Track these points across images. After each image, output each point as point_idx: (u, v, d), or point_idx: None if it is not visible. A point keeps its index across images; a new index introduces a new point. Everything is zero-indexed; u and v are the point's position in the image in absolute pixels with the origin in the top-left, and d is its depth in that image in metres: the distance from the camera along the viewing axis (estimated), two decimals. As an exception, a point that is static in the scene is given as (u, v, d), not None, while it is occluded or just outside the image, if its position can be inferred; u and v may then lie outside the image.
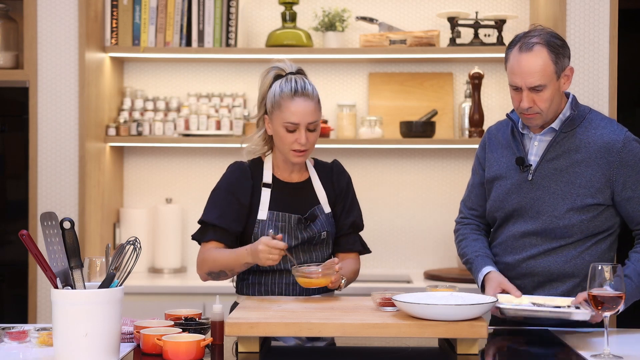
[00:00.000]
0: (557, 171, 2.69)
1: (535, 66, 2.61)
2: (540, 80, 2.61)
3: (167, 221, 4.25)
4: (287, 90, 2.74)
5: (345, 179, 2.91)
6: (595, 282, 2.28)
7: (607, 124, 2.71)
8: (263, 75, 2.83)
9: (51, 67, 3.97)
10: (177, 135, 4.22)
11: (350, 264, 2.88)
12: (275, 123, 2.76)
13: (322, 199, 2.85)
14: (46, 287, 3.92)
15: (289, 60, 2.85)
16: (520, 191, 2.74)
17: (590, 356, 2.27)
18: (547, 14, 3.99)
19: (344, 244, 2.90)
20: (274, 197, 2.80)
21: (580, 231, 2.67)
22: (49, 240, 2.16)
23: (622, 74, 3.99)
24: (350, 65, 4.39)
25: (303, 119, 2.74)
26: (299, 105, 2.73)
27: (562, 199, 2.67)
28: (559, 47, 2.64)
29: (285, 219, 2.77)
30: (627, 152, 2.65)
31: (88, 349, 2.14)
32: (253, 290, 2.81)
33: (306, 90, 2.75)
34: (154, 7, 4.14)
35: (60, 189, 3.97)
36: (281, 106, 2.74)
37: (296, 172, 2.86)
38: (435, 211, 4.36)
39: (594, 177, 2.65)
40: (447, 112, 4.32)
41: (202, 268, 2.79)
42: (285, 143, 2.75)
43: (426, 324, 2.28)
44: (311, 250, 2.81)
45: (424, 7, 4.37)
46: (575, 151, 2.68)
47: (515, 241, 2.74)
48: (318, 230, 2.80)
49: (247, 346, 2.32)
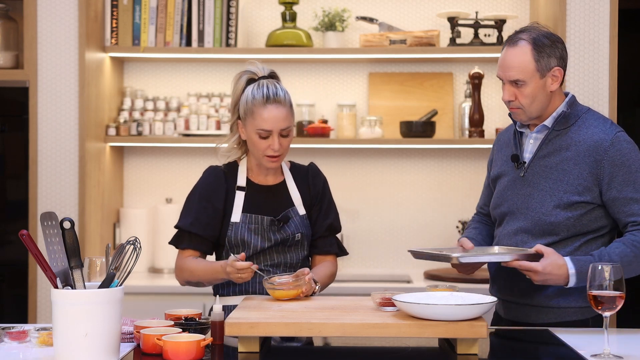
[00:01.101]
0: (547, 168, 2.71)
1: (515, 60, 2.66)
2: (518, 75, 2.65)
3: (167, 221, 4.25)
4: (259, 96, 2.75)
5: (321, 182, 2.93)
6: (595, 282, 2.28)
7: (599, 124, 2.71)
8: (235, 80, 2.83)
9: (51, 67, 3.97)
10: (177, 135, 4.22)
11: (327, 267, 2.89)
12: (249, 129, 2.78)
13: (296, 201, 2.87)
14: (46, 287, 3.92)
15: (260, 63, 2.85)
16: (515, 188, 2.77)
17: (590, 356, 2.27)
18: (547, 14, 3.99)
19: (321, 246, 2.91)
20: (247, 200, 2.82)
21: (567, 229, 2.66)
22: (49, 240, 2.16)
23: (622, 74, 3.99)
24: (350, 65, 4.39)
25: (275, 125, 2.75)
26: (271, 112, 2.74)
27: (550, 195, 2.68)
28: (545, 46, 2.65)
29: (258, 221, 2.79)
30: (614, 152, 2.64)
31: (88, 349, 2.14)
32: (229, 290, 2.83)
33: (278, 96, 2.76)
34: (154, 7, 4.14)
35: (60, 189, 3.97)
36: (254, 113, 2.75)
37: (271, 175, 2.88)
38: (435, 211, 4.37)
39: (581, 175, 2.65)
40: (447, 112, 4.32)
41: (181, 275, 2.84)
42: (258, 149, 2.77)
43: (426, 324, 2.28)
44: (285, 251, 2.83)
45: (424, 7, 4.37)
46: (566, 149, 2.69)
47: (509, 238, 2.76)
48: (292, 231, 2.82)
49: (247, 346, 2.31)
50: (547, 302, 2.69)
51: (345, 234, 4.30)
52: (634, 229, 2.63)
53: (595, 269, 2.28)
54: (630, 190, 2.63)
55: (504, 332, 2.68)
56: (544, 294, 2.69)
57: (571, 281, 2.58)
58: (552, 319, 2.69)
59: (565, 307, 2.69)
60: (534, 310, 2.72)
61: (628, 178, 2.63)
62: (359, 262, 4.38)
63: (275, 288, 2.62)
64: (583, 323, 2.67)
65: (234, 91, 2.84)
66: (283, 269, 2.83)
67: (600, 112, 3.80)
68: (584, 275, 2.53)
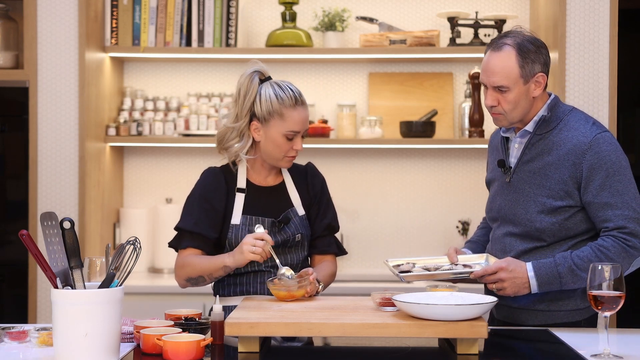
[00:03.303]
0: (531, 174, 2.68)
1: (499, 66, 2.61)
2: (502, 81, 2.61)
3: (167, 221, 4.25)
4: (287, 98, 2.74)
5: (319, 182, 2.92)
6: (594, 282, 2.27)
7: (580, 125, 2.65)
8: (247, 81, 2.77)
9: (51, 67, 3.97)
10: (177, 135, 4.22)
11: (327, 267, 2.89)
12: (273, 131, 2.75)
13: (295, 202, 2.86)
14: (46, 287, 3.92)
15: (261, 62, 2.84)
16: (502, 194, 2.76)
17: (590, 356, 2.27)
18: (547, 14, 3.99)
19: (320, 246, 2.91)
20: (247, 201, 2.81)
21: (553, 234, 2.64)
22: (49, 240, 2.16)
23: (622, 74, 3.99)
24: (350, 65, 4.39)
25: (303, 126, 2.78)
26: (301, 114, 2.76)
27: (533, 201, 2.66)
28: (530, 51, 2.61)
29: (258, 223, 2.78)
30: (592, 155, 2.59)
31: (88, 349, 2.14)
32: (229, 291, 2.82)
33: (302, 97, 2.78)
34: (154, 7, 4.14)
35: (60, 189, 3.98)
36: (283, 115, 2.74)
37: (271, 176, 2.87)
38: (435, 211, 4.37)
39: (562, 179, 2.62)
40: (447, 112, 4.33)
41: (180, 275, 2.79)
42: (281, 150, 2.76)
43: (426, 324, 2.28)
44: (286, 252, 2.82)
45: (424, 7, 4.37)
46: (547, 153, 2.65)
47: (499, 242, 2.76)
48: (292, 232, 2.81)
49: (247, 346, 2.31)
50: (537, 305, 2.68)
51: (345, 234, 4.30)
52: (605, 235, 2.59)
53: (595, 268, 2.28)
54: (606, 195, 2.58)
55: (503, 332, 2.67)
56: (533, 298, 2.68)
57: (532, 284, 2.59)
58: (542, 321, 2.68)
59: (556, 310, 2.68)
60: (524, 313, 2.71)
61: (604, 182, 2.58)
62: (359, 262, 4.38)
63: (280, 289, 2.61)
64: (574, 325, 2.67)
65: (245, 92, 2.77)
66: None
67: (600, 112, 3.81)
68: (544, 277, 2.57)
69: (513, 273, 2.58)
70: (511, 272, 2.58)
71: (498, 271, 2.59)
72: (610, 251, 2.55)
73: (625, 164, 2.62)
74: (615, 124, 3.83)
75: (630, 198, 2.58)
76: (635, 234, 2.56)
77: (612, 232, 2.57)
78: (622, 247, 2.56)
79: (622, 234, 2.56)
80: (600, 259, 2.55)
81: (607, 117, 3.81)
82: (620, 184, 2.59)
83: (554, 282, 2.58)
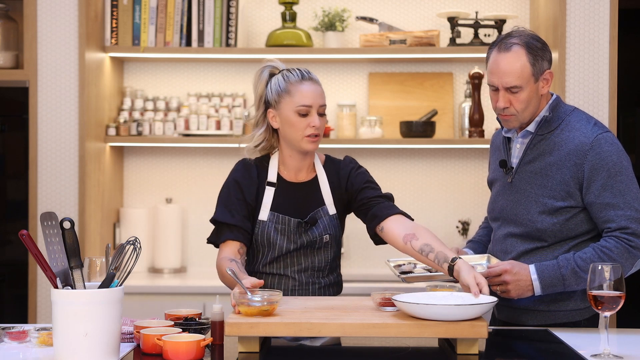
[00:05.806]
0: (532, 174, 2.68)
1: (512, 66, 2.60)
2: (516, 81, 2.60)
3: (167, 221, 4.25)
4: (293, 76, 2.73)
5: (348, 169, 2.83)
6: (595, 282, 2.27)
7: (582, 126, 2.65)
8: (258, 75, 2.79)
9: (51, 67, 3.97)
10: (177, 135, 4.22)
11: (423, 231, 2.66)
12: (285, 110, 2.71)
13: (327, 200, 2.80)
14: (46, 287, 3.92)
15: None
16: (504, 194, 2.75)
17: (590, 356, 2.27)
18: (547, 14, 3.99)
19: (381, 214, 2.74)
20: (277, 197, 2.76)
21: (554, 234, 2.64)
22: (49, 240, 2.16)
23: (622, 74, 3.99)
24: (350, 65, 4.39)
25: (315, 100, 2.72)
26: (309, 87, 2.72)
27: (535, 202, 2.66)
28: (538, 49, 2.62)
29: (285, 222, 2.73)
30: (594, 155, 2.59)
31: (88, 349, 2.14)
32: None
33: (312, 74, 2.76)
34: (154, 7, 4.14)
35: (60, 189, 3.98)
36: (290, 92, 2.71)
37: (303, 172, 2.81)
38: (435, 211, 4.37)
39: (564, 180, 2.61)
40: (447, 112, 4.33)
41: (219, 275, 2.70)
42: (298, 129, 2.71)
43: (426, 324, 2.28)
44: (313, 254, 2.77)
45: (424, 7, 4.37)
46: (549, 154, 2.65)
47: (500, 243, 2.76)
48: (319, 233, 2.76)
49: (247, 346, 2.31)
50: (537, 305, 2.69)
51: (345, 233, 4.29)
52: (607, 236, 2.59)
53: (595, 268, 2.28)
54: (608, 196, 2.58)
55: (504, 332, 2.68)
56: (533, 298, 2.68)
57: (536, 286, 2.59)
58: (543, 321, 2.69)
59: (556, 310, 2.68)
60: (524, 313, 2.71)
61: (606, 182, 2.58)
62: (359, 262, 4.37)
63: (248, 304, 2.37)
64: (575, 325, 2.67)
65: (256, 86, 2.78)
66: (310, 273, 2.77)
67: (601, 112, 3.81)
68: (547, 280, 2.57)
69: (517, 276, 2.58)
70: (515, 274, 2.58)
71: (502, 274, 2.59)
72: (613, 252, 2.55)
73: (627, 164, 2.62)
74: (615, 124, 3.83)
75: (632, 198, 2.58)
76: (637, 234, 2.56)
77: (614, 233, 2.57)
78: (625, 247, 2.56)
79: (625, 235, 2.56)
80: (603, 260, 2.55)
81: (607, 117, 3.81)
82: (622, 184, 2.58)
83: (558, 284, 2.58)
